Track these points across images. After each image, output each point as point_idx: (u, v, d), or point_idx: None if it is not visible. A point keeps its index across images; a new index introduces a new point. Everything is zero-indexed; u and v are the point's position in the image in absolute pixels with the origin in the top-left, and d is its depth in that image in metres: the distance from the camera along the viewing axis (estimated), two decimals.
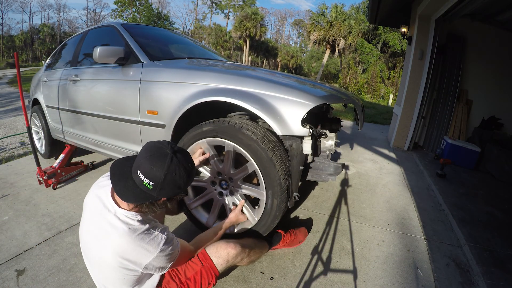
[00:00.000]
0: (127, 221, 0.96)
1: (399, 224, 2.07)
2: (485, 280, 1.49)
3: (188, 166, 0.97)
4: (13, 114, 5.77)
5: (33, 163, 2.68)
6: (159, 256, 0.98)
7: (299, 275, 1.49)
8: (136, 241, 0.94)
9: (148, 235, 0.97)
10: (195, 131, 1.51)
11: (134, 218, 0.98)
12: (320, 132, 1.52)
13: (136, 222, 0.97)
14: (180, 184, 0.95)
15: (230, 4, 40.69)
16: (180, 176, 0.94)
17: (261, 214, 1.48)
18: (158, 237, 0.99)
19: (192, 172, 0.99)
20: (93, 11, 47.35)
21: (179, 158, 0.94)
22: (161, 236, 1.00)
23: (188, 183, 0.99)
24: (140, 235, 0.96)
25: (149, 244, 0.96)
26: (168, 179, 0.92)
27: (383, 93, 16.65)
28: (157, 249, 0.97)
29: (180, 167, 0.93)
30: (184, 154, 0.99)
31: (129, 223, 0.96)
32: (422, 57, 4.02)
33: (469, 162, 3.62)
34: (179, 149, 0.98)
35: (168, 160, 0.92)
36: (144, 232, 0.97)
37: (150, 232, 0.98)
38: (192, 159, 1.03)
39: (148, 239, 0.97)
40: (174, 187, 0.95)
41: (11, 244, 1.68)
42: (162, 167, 0.91)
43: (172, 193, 0.97)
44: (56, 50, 3.20)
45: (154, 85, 1.73)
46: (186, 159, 0.97)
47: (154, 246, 0.97)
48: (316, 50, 28.80)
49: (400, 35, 11.94)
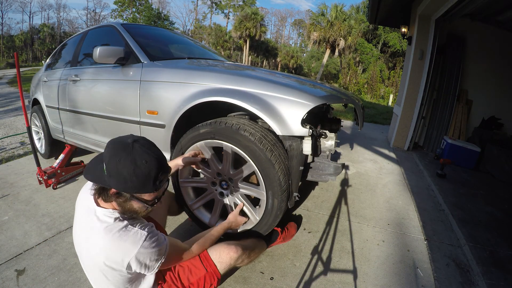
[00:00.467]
0: (104, 219, 0.94)
1: (399, 224, 2.07)
2: (485, 280, 1.49)
3: (141, 161, 0.87)
4: (13, 114, 5.77)
5: (33, 163, 2.68)
6: (141, 253, 0.92)
7: (299, 275, 1.49)
8: (114, 239, 0.91)
9: (126, 232, 0.92)
10: (192, 133, 1.51)
11: (111, 215, 0.94)
12: (320, 132, 1.52)
13: (113, 220, 0.93)
14: (124, 175, 0.86)
15: (230, 4, 40.70)
16: (124, 166, 0.85)
17: (262, 213, 1.48)
18: (137, 233, 0.93)
19: (141, 169, 0.86)
20: (93, 11, 47.39)
21: (135, 147, 0.88)
22: (141, 232, 0.94)
23: (135, 180, 0.87)
24: (118, 233, 0.91)
25: (127, 242, 0.91)
26: (111, 163, 0.86)
27: (383, 93, 16.64)
28: (137, 246, 0.91)
29: (128, 156, 0.86)
30: (145, 148, 0.90)
31: (106, 221, 0.93)
32: (422, 57, 4.02)
33: (469, 162, 3.62)
34: (142, 143, 0.91)
35: (122, 145, 0.88)
36: (122, 229, 0.92)
37: (128, 229, 0.93)
38: (153, 158, 0.90)
39: (126, 237, 0.92)
40: (119, 178, 0.86)
41: (11, 244, 1.68)
42: (112, 149, 0.88)
43: (120, 186, 0.88)
44: (56, 50, 3.20)
45: (154, 85, 1.73)
46: (141, 154, 0.88)
47: (133, 243, 0.92)
48: (316, 50, 28.82)
49: (400, 35, 11.95)
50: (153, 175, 0.89)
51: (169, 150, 1.74)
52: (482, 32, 4.12)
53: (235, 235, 1.59)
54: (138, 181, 0.87)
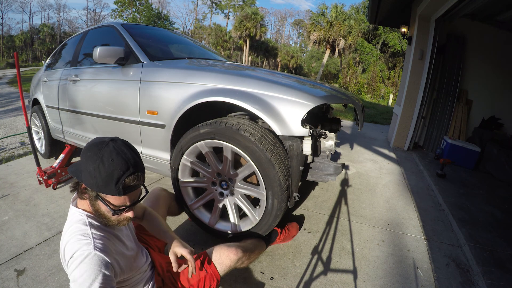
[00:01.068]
0: (70, 218, 0.92)
1: (399, 224, 2.07)
2: (485, 280, 1.49)
3: (108, 158, 0.83)
4: (13, 114, 5.77)
5: (33, 163, 2.68)
6: (68, 268, 0.83)
7: (299, 275, 1.49)
8: (69, 241, 0.86)
9: (78, 238, 0.85)
10: (192, 133, 1.51)
11: (78, 216, 0.90)
12: (320, 133, 1.52)
13: (76, 220, 0.89)
14: (89, 170, 0.83)
15: (230, 4, 40.69)
16: (93, 160, 0.83)
17: (262, 214, 1.48)
18: (85, 245, 0.83)
19: (105, 166, 0.82)
20: (93, 11, 47.35)
21: (109, 145, 0.85)
22: (87, 248, 0.83)
23: (98, 177, 0.83)
24: (73, 236, 0.86)
25: (73, 249, 0.84)
26: (83, 156, 0.85)
27: (383, 93, 16.65)
28: (68, 258, 0.83)
29: (99, 152, 0.84)
30: (118, 149, 0.86)
31: (71, 220, 0.91)
32: (422, 57, 4.02)
33: (469, 162, 3.62)
34: (117, 143, 0.88)
35: (100, 140, 0.87)
36: (78, 232, 0.86)
37: (81, 237, 0.85)
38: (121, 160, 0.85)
39: (76, 243, 0.84)
40: (87, 172, 0.84)
41: (11, 244, 1.68)
42: (91, 144, 0.87)
43: (87, 181, 0.85)
44: (56, 50, 3.20)
45: (154, 85, 1.73)
46: (111, 152, 0.84)
47: (68, 252, 0.84)
48: (316, 50, 28.80)
49: (400, 35, 11.95)
50: (116, 175, 0.83)
51: (169, 150, 1.74)
52: (482, 32, 4.12)
53: (235, 236, 1.59)
54: (101, 179, 0.83)
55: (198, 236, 1.78)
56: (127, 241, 1.04)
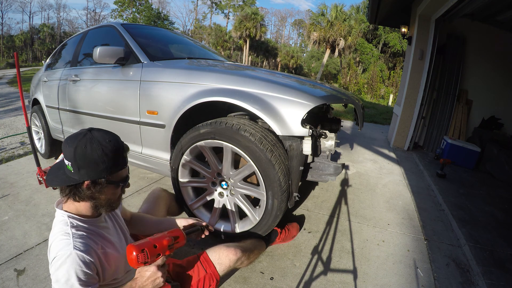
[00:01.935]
0: (56, 220, 0.92)
1: (399, 224, 2.07)
2: (485, 280, 1.49)
3: (105, 141, 0.88)
4: (13, 114, 5.77)
5: (33, 163, 2.68)
6: (51, 268, 0.83)
7: (299, 275, 1.49)
8: (52, 242, 0.86)
9: (59, 238, 0.85)
10: (192, 133, 1.51)
11: (61, 217, 0.91)
12: (320, 133, 1.52)
13: (59, 222, 0.90)
14: (95, 158, 0.85)
15: (230, 4, 40.69)
16: (93, 149, 0.85)
17: (262, 214, 1.48)
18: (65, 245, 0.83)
19: (109, 146, 0.88)
20: (93, 11, 47.35)
21: (94, 134, 0.89)
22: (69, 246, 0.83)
23: (107, 159, 0.87)
24: (55, 236, 0.87)
25: (51, 249, 0.85)
26: (78, 153, 0.85)
27: (383, 93, 16.65)
28: (51, 258, 0.84)
29: (93, 140, 0.86)
30: (103, 132, 0.91)
31: (55, 222, 0.91)
32: (422, 57, 4.02)
33: (469, 162, 3.62)
34: (98, 129, 0.92)
35: (81, 135, 0.88)
36: (59, 232, 0.87)
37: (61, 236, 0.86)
38: (114, 138, 0.92)
39: (56, 242, 0.85)
40: (90, 164, 0.85)
41: (11, 244, 1.68)
42: (74, 142, 0.86)
43: (93, 173, 0.87)
44: (56, 50, 3.20)
45: (154, 85, 1.73)
46: (103, 136, 0.89)
47: (52, 252, 0.84)
48: (316, 50, 28.80)
49: (400, 35, 11.94)
50: (120, 150, 0.91)
51: (169, 150, 1.74)
52: (482, 32, 4.12)
53: (235, 236, 1.59)
54: (109, 160, 0.88)
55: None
56: (116, 240, 1.03)
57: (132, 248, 0.88)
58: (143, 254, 0.88)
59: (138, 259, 0.88)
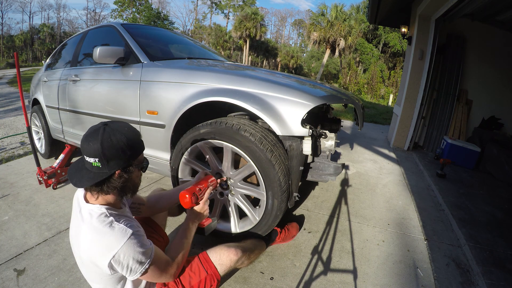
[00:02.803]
0: (91, 215, 0.93)
1: (399, 224, 2.07)
2: (485, 280, 1.49)
3: (124, 129, 0.94)
4: (13, 114, 5.77)
5: (33, 163, 2.68)
6: (124, 251, 0.88)
7: (299, 275, 1.49)
8: (99, 235, 0.89)
9: (111, 228, 0.90)
10: (192, 133, 1.51)
11: (97, 211, 0.93)
12: (320, 133, 1.52)
13: (97, 215, 0.92)
14: (121, 146, 0.91)
15: (230, 4, 40.68)
16: (118, 139, 0.90)
17: (262, 214, 1.48)
18: (122, 230, 0.90)
19: (129, 133, 0.95)
20: (93, 11, 47.32)
21: (111, 126, 0.93)
22: (126, 229, 0.91)
23: (132, 145, 0.94)
24: (103, 229, 0.89)
25: (111, 237, 0.89)
26: (106, 146, 0.89)
27: (383, 93, 16.65)
28: (121, 242, 0.88)
29: (114, 131, 0.91)
30: (118, 123, 0.97)
31: (92, 217, 0.92)
32: (422, 57, 4.02)
33: (469, 162, 3.62)
34: (111, 121, 0.97)
35: (100, 130, 0.91)
36: (107, 225, 0.90)
37: (113, 226, 0.90)
38: (128, 125, 0.98)
39: (111, 232, 0.89)
40: (118, 152, 0.90)
41: (11, 244, 1.68)
42: (96, 138, 0.89)
43: (122, 162, 0.92)
44: (56, 50, 3.20)
45: (154, 85, 1.73)
46: (120, 125, 0.95)
47: (117, 239, 0.88)
48: (316, 50, 28.77)
49: (400, 35, 11.94)
50: (138, 134, 0.99)
51: (169, 150, 1.74)
52: (482, 32, 4.12)
53: (234, 237, 1.59)
54: (134, 145, 0.95)
55: (198, 236, 1.78)
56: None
57: (185, 192, 1.17)
58: (194, 197, 1.18)
59: (192, 201, 1.17)
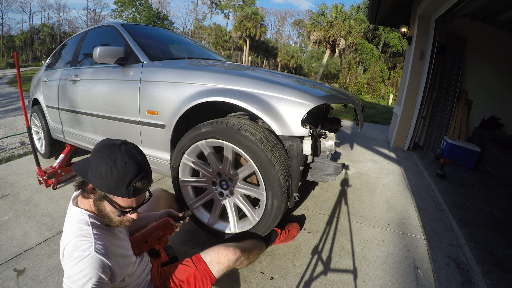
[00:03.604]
0: (73, 219, 0.91)
1: (399, 224, 2.07)
2: (485, 280, 1.49)
3: (120, 161, 0.84)
4: (13, 114, 5.77)
5: (33, 163, 2.68)
6: (66, 265, 0.83)
7: (299, 275, 1.49)
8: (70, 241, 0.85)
9: (80, 238, 0.85)
10: (193, 132, 1.51)
11: (80, 215, 0.90)
12: (320, 133, 1.52)
13: (78, 221, 0.89)
14: (100, 170, 0.84)
15: (230, 4, 40.67)
16: (104, 162, 0.84)
17: (261, 214, 1.48)
18: (79, 244, 0.83)
19: (118, 168, 0.84)
20: (93, 11, 47.30)
21: (121, 149, 0.86)
22: (89, 250, 0.82)
23: (110, 178, 0.84)
24: (74, 236, 0.85)
25: (68, 247, 0.84)
26: (95, 157, 0.86)
27: (383, 93, 16.65)
28: (67, 255, 0.83)
29: (112, 154, 0.85)
30: (131, 153, 0.88)
31: (73, 220, 0.90)
32: (422, 57, 4.02)
33: (469, 162, 3.62)
34: (130, 146, 0.90)
35: (112, 144, 0.87)
36: (79, 233, 0.86)
37: (82, 238, 0.85)
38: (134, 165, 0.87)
39: (73, 242, 0.84)
40: (96, 171, 0.85)
41: (11, 244, 1.68)
42: (103, 146, 0.88)
43: (95, 181, 0.86)
44: (56, 50, 3.20)
45: (154, 85, 1.73)
46: (124, 155, 0.86)
47: (68, 250, 0.84)
48: (316, 50, 28.76)
49: (400, 35, 11.94)
50: (128, 179, 0.85)
51: (169, 150, 1.74)
52: (482, 32, 4.12)
53: (234, 236, 1.59)
54: (113, 181, 0.84)
55: (198, 236, 1.78)
56: (126, 242, 1.05)
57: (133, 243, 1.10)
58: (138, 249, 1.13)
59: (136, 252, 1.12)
